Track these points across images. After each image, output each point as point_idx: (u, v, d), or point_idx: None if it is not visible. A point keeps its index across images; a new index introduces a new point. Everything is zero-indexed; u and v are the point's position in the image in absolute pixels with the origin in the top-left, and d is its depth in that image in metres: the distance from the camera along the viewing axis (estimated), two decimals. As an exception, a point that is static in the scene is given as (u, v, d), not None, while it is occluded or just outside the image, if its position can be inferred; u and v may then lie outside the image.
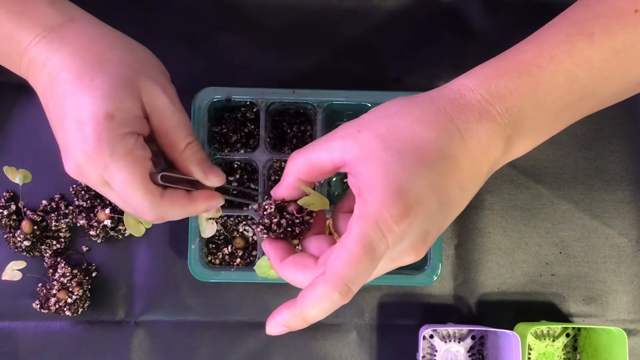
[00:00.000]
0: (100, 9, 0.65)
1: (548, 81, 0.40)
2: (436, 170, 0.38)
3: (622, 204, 0.64)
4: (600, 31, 0.40)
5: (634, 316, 0.64)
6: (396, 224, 0.36)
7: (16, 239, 0.61)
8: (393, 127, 0.39)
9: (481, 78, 0.41)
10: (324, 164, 0.40)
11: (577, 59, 0.40)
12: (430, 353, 0.63)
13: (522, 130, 0.41)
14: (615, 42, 0.40)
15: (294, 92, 0.59)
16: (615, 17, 0.40)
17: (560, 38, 0.40)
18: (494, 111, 0.40)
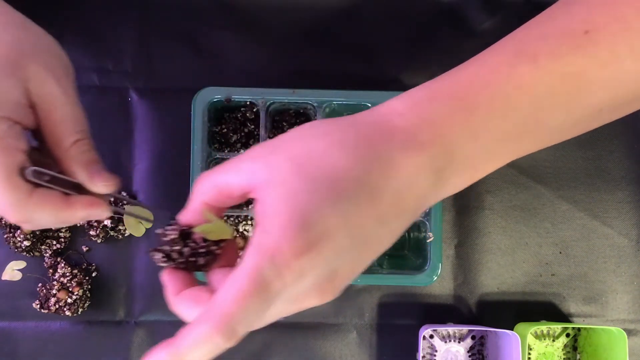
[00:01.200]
0: (101, 9, 0.65)
1: (484, 108, 0.34)
2: (351, 201, 0.33)
3: (622, 204, 0.64)
4: (545, 53, 0.34)
5: (634, 316, 0.64)
6: (296, 259, 0.32)
7: (16, 239, 0.61)
8: (308, 150, 0.34)
9: (412, 101, 0.35)
10: (232, 188, 0.35)
11: (517, 84, 0.34)
12: (430, 353, 0.63)
13: (454, 163, 0.35)
14: (562, 66, 0.34)
15: (294, 92, 0.59)
16: (563, 38, 0.34)
17: (501, 60, 0.35)
18: (423, 139, 0.34)
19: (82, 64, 0.64)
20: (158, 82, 0.64)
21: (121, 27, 0.65)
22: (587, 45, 0.34)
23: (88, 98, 0.64)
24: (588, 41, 0.34)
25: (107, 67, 0.65)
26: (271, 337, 0.63)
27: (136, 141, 0.64)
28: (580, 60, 0.34)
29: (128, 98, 0.64)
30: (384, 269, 0.61)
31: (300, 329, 0.63)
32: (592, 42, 0.34)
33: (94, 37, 0.65)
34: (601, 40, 0.34)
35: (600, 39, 0.34)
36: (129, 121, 0.64)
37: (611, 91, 0.35)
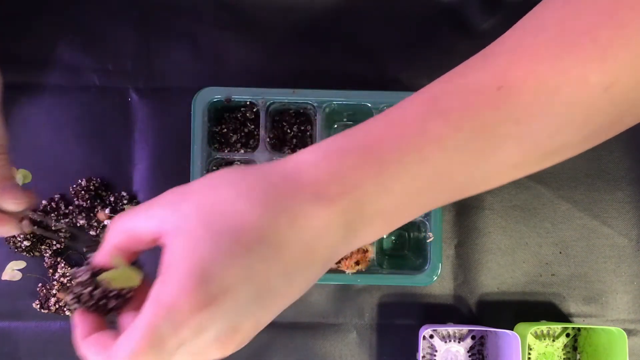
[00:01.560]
0: (101, 9, 0.65)
1: (396, 162, 0.34)
2: (255, 254, 0.32)
3: (622, 204, 0.64)
4: (457, 109, 0.33)
5: (634, 316, 0.64)
6: (194, 314, 0.31)
7: (16, 239, 0.61)
8: (216, 200, 0.33)
9: (324, 154, 0.35)
10: (142, 234, 0.34)
11: (429, 139, 0.33)
12: (430, 353, 0.63)
13: (366, 215, 0.34)
14: (474, 122, 0.33)
15: (294, 92, 0.59)
16: (476, 94, 0.34)
17: (414, 114, 0.34)
18: (333, 192, 0.34)
19: (82, 64, 0.65)
20: (158, 82, 0.65)
21: (121, 27, 0.65)
22: (499, 101, 0.33)
23: (88, 98, 0.64)
24: (501, 97, 0.33)
25: (107, 67, 0.65)
26: (271, 337, 0.63)
27: (136, 141, 0.64)
28: (492, 116, 0.33)
29: (128, 98, 0.64)
30: (384, 269, 0.61)
31: (300, 329, 0.63)
32: (504, 98, 0.33)
33: (94, 37, 0.65)
34: (515, 96, 0.33)
35: (513, 95, 0.33)
36: (129, 121, 0.64)
37: (524, 148, 0.34)
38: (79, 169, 0.64)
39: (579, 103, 0.32)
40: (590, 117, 0.33)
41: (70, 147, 0.64)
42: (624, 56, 0.32)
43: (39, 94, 0.64)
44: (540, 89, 0.32)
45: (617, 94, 0.32)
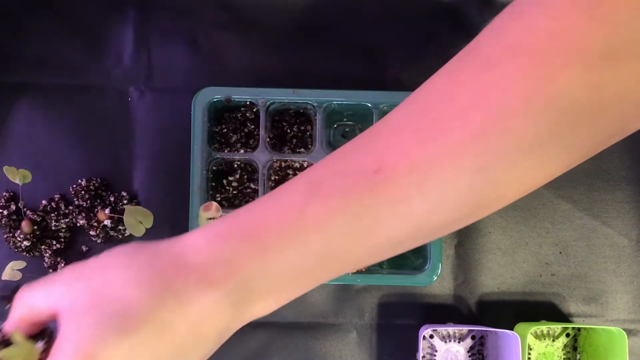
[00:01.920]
0: (100, 9, 0.65)
1: (278, 245, 0.35)
2: (141, 337, 0.34)
3: (622, 204, 0.64)
4: (335, 193, 0.34)
5: (634, 316, 0.64)
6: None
7: (16, 239, 0.61)
8: (107, 282, 0.35)
9: (209, 238, 0.36)
10: (40, 310, 0.36)
11: (309, 223, 0.35)
12: (430, 353, 0.63)
13: (254, 294, 0.36)
14: (352, 207, 0.34)
15: (294, 92, 0.59)
16: (354, 177, 0.34)
17: (294, 199, 0.36)
18: (219, 275, 0.35)
19: (82, 64, 0.65)
20: (158, 82, 0.65)
21: (121, 27, 0.65)
22: (376, 184, 0.34)
23: (88, 97, 0.64)
24: (378, 181, 0.34)
25: (107, 67, 0.65)
26: (271, 337, 0.63)
27: (136, 141, 0.64)
28: (369, 200, 0.34)
29: (128, 98, 0.64)
30: (384, 269, 0.61)
31: (300, 329, 0.63)
32: (382, 181, 0.34)
33: (94, 37, 0.65)
34: (390, 179, 0.34)
35: (389, 179, 0.34)
36: (129, 121, 0.64)
37: (405, 227, 0.35)
38: (79, 169, 0.64)
39: (452, 185, 0.34)
40: (465, 199, 0.34)
41: (70, 147, 0.64)
42: (495, 140, 0.32)
43: (39, 94, 0.64)
44: (414, 173, 0.33)
45: (490, 175, 0.33)
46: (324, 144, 0.61)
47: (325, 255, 0.36)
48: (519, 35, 0.33)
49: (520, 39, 0.33)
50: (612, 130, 0.34)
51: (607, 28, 0.32)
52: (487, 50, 0.34)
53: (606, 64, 0.32)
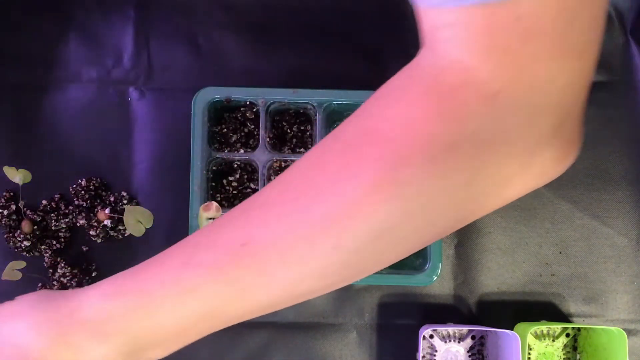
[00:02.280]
0: (101, 9, 0.65)
1: (159, 306, 0.39)
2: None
3: (622, 204, 0.64)
4: (207, 263, 0.38)
5: (634, 316, 0.64)
6: None
7: (16, 239, 0.61)
8: (11, 330, 0.40)
9: (99, 295, 0.41)
10: None
11: (184, 287, 0.39)
12: (430, 353, 0.63)
13: (145, 346, 0.40)
14: (224, 275, 0.38)
15: (294, 92, 0.59)
16: (225, 249, 0.38)
17: (173, 265, 0.39)
18: (109, 330, 0.39)
19: (82, 64, 0.65)
20: (158, 82, 0.65)
21: (121, 27, 0.65)
22: (244, 256, 0.37)
23: (88, 97, 0.64)
24: (245, 253, 0.37)
25: (107, 67, 0.65)
26: (271, 337, 0.63)
27: (136, 141, 0.64)
28: (236, 270, 0.38)
29: (128, 98, 0.64)
30: (384, 269, 0.61)
31: (300, 329, 0.63)
32: (248, 253, 0.37)
33: (94, 36, 0.65)
34: (255, 253, 0.37)
35: (254, 252, 0.37)
36: (129, 121, 0.64)
37: (274, 293, 0.38)
38: (79, 169, 0.64)
39: (311, 261, 0.36)
40: (325, 273, 0.37)
41: (70, 147, 0.64)
42: (348, 222, 0.35)
43: (39, 93, 0.64)
44: (276, 247, 0.37)
45: (345, 253, 0.36)
46: (324, 144, 0.61)
47: (204, 315, 0.39)
48: (376, 121, 0.36)
49: (376, 126, 0.36)
50: (459, 216, 0.37)
51: (453, 122, 0.33)
52: (348, 135, 0.37)
53: (450, 156, 0.34)
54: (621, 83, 0.65)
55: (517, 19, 0.32)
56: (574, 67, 0.34)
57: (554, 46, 0.33)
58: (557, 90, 0.34)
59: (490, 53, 0.33)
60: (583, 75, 0.35)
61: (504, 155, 0.34)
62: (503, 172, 0.35)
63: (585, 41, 0.34)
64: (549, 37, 0.32)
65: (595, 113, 0.64)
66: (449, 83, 0.34)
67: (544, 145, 0.35)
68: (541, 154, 0.35)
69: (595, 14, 0.33)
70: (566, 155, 0.37)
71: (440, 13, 0.35)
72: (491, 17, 0.32)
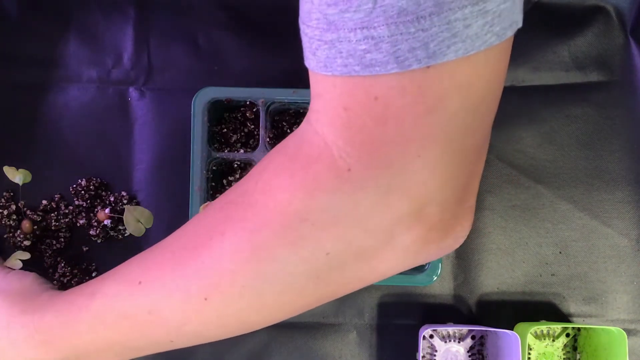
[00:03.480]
0: (100, 9, 0.65)
1: (77, 327, 0.46)
2: None
3: (622, 204, 0.64)
4: (109, 295, 0.45)
5: (634, 316, 0.64)
6: None
7: (16, 239, 0.61)
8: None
9: (34, 307, 0.49)
10: None
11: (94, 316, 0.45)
12: (430, 353, 0.63)
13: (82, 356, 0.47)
14: (121, 306, 0.44)
15: (294, 92, 0.59)
16: (124, 285, 0.44)
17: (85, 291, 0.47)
18: (38, 339, 0.47)
19: (82, 64, 0.65)
20: (158, 82, 0.65)
21: (121, 27, 0.65)
22: (139, 292, 0.43)
23: (88, 97, 0.64)
24: (140, 289, 0.42)
25: (107, 67, 0.65)
26: (271, 337, 0.63)
27: (136, 141, 0.64)
28: (131, 303, 0.43)
29: (128, 98, 0.64)
30: (384, 269, 0.61)
31: (300, 329, 0.63)
32: (143, 290, 0.42)
33: (94, 36, 0.65)
34: (148, 289, 0.42)
35: (148, 289, 0.42)
36: (129, 121, 0.64)
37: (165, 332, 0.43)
38: (79, 169, 0.64)
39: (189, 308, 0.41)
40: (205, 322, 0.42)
41: (70, 147, 0.64)
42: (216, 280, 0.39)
43: (39, 93, 0.64)
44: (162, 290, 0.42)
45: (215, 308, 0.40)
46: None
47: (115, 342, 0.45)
48: (250, 185, 0.38)
49: (248, 189, 0.38)
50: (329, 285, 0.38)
51: (304, 194, 0.35)
52: (232, 194, 0.40)
53: (303, 225, 0.35)
54: (621, 83, 0.65)
55: (375, 98, 0.32)
56: (435, 158, 0.33)
57: (408, 131, 0.32)
58: (415, 177, 0.34)
59: (346, 130, 0.33)
60: (446, 169, 0.34)
61: (360, 230, 0.35)
62: (364, 245, 0.36)
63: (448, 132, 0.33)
64: (404, 123, 0.32)
65: (595, 113, 0.64)
66: (307, 155, 0.35)
67: (404, 227, 0.35)
68: (401, 234, 0.35)
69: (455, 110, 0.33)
70: (439, 238, 0.37)
71: (317, 81, 0.35)
72: (352, 92, 0.32)
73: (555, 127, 0.65)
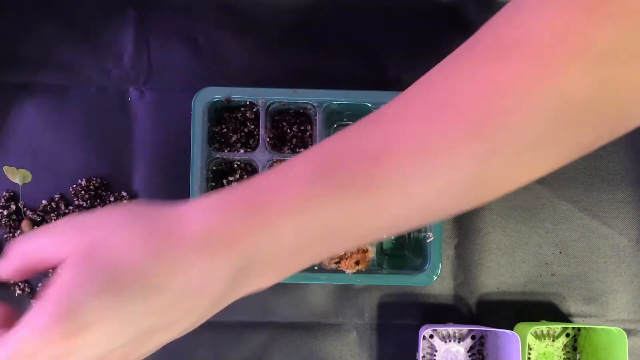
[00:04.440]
0: (101, 9, 0.65)
1: (279, 221, 0.35)
2: (129, 294, 0.34)
3: (622, 204, 0.64)
4: (342, 173, 0.35)
5: (634, 316, 0.64)
6: (60, 342, 0.34)
7: (16, 239, 0.61)
8: (105, 238, 0.35)
9: (208, 207, 0.36)
10: (39, 258, 0.37)
11: (314, 199, 0.35)
12: (430, 353, 0.63)
13: (253, 268, 0.36)
14: (357, 187, 0.35)
15: (294, 92, 0.59)
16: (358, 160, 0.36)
17: (303, 173, 0.36)
18: (216, 244, 0.35)
19: (82, 64, 0.65)
20: (158, 82, 0.65)
21: (121, 27, 0.65)
22: (379, 168, 0.35)
23: (88, 98, 0.64)
24: (380, 165, 0.35)
25: (107, 67, 0.65)
26: (271, 337, 0.63)
27: (136, 141, 0.64)
28: (374, 181, 0.35)
29: (128, 98, 0.64)
30: (384, 269, 0.61)
31: (300, 329, 0.63)
32: (384, 166, 0.35)
33: (94, 36, 0.65)
34: (392, 165, 0.34)
35: (391, 164, 0.34)
36: (129, 121, 0.64)
37: (410, 207, 0.36)
38: (79, 169, 0.64)
39: (450, 176, 0.34)
40: (463, 189, 0.35)
41: (70, 147, 0.64)
42: (495, 135, 0.33)
43: (39, 94, 0.64)
44: (415, 161, 0.34)
45: (488, 168, 0.34)
46: (324, 144, 0.61)
47: (327, 233, 0.36)
48: (522, 31, 0.33)
49: (523, 35, 0.33)
50: (611, 128, 0.35)
51: (607, 29, 0.32)
52: (490, 45, 0.34)
53: (606, 64, 0.32)
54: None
55: None
56: None
57: None
58: None
59: None
60: None
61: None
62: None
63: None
64: None
65: (595, 113, 0.64)
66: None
67: None
68: None
69: None
70: None
71: None
72: None
73: (555, 127, 0.65)
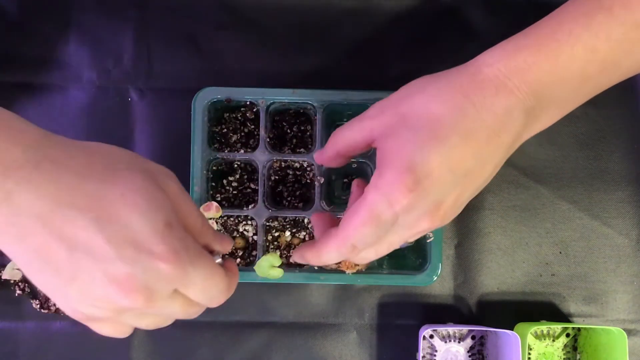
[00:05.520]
0: (101, 9, 0.65)
1: (567, 54, 0.41)
2: (449, 144, 0.40)
3: (622, 204, 0.64)
4: (619, 5, 0.40)
5: (634, 316, 0.64)
6: (404, 196, 0.39)
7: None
8: (411, 106, 0.42)
9: (501, 53, 0.42)
10: (357, 142, 0.45)
11: (595, 32, 0.40)
12: (430, 353, 0.63)
13: (543, 103, 0.42)
14: (635, 16, 0.40)
15: (294, 92, 0.59)
16: None
17: (579, 12, 0.41)
18: (512, 85, 0.41)
19: (82, 64, 0.65)
20: (158, 82, 0.65)
21: (121, 27, 0.65)
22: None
23: (88, 98, 0.64)
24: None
25: (107, 67, 0.65)
26: (271, 337, 0.63)
27: (136, 141, 0.64)
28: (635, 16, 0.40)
29: (128, 98, 0.64)
30: (384, 269, 0.61)
31: (300, 329, 0.63)
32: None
33: (94, 37, 0.65)
34: None
35: None
36: (129, 121, 0.64)
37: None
38: (79, 169, 0.64)
39: None
40: None
41: (70, 147, 0.64)
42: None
43: (39, 94, 0.64)
44: None
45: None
46: (324, 144, 0.61)
47: (609, 63, 0.41)
48: None
49: None
50: None
51: None
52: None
53: None
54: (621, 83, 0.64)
55: None
56: None
57: None
58: None
59: None
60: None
61: None
62: None
63: None
64: None
65: (595, 113, 0.64)
66: None
67: None
68: None
69: None
70: None
71: None
72: None
73: (555, 127, 0.64)
